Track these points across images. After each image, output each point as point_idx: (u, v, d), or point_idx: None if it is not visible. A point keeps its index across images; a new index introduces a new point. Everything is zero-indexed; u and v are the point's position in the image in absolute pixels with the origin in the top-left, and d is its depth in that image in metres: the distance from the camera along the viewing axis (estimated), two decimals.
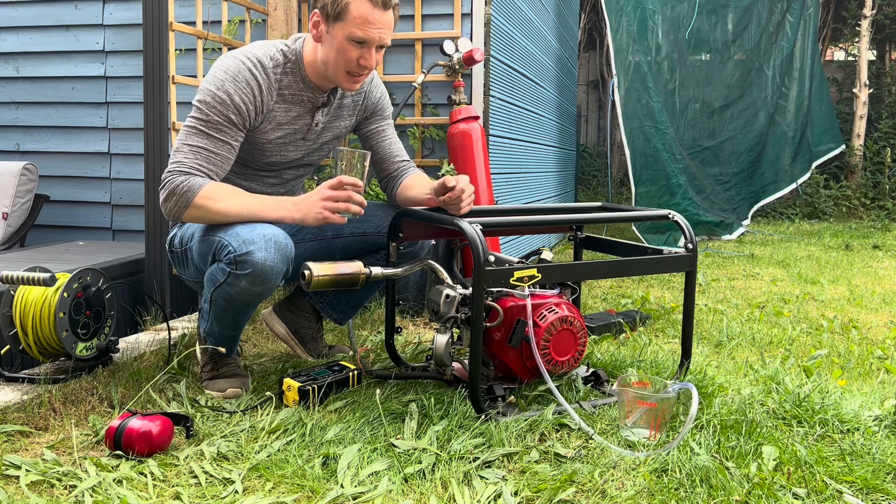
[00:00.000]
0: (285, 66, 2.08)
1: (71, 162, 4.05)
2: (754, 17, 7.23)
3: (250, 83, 2.00)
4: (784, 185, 7.73)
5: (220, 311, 2.01)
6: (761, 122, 7.43)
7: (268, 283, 1.91)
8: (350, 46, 1.97)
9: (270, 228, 1.91)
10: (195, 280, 2.16)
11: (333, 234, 2.28)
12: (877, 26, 10.02)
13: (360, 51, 1.99)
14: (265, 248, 1.86)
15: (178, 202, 1.94)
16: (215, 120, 1.97)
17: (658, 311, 3.37)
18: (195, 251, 2.04)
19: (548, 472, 1.58)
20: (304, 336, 2.44)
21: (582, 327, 1.99)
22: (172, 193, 1.94)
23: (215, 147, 1.98)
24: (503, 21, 3.85)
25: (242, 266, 1.87)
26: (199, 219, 1.98)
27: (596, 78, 12.01)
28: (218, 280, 1.94)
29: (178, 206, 1.95)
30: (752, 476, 1.54)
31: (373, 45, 1.99)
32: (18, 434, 1.78)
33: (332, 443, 1.72)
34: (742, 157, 7.32)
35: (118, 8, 3.91)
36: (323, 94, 2.15)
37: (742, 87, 7.29)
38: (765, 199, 7.61)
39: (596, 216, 2.27)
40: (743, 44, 7.23)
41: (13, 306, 2.13)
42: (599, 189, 10.56)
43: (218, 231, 1.94)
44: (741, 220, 7.12)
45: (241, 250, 1.86)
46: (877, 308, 3.67)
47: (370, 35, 1.96)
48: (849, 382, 2.31)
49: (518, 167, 4.49)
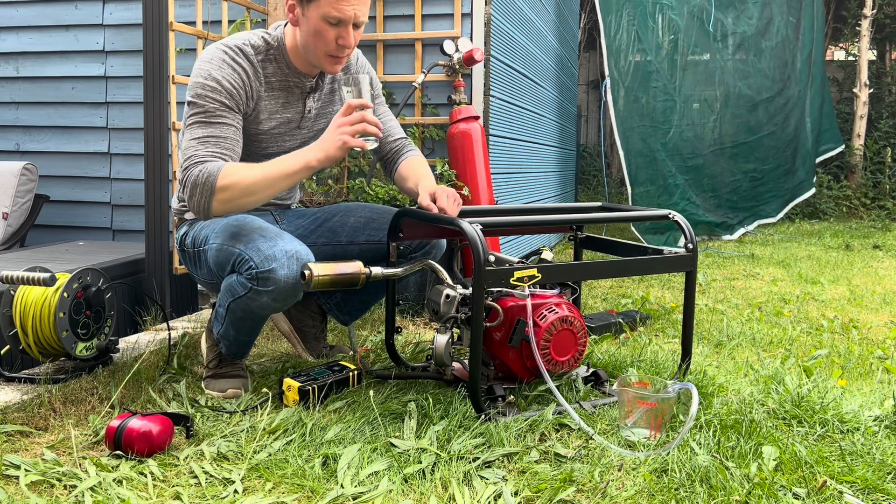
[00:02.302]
0: (267, 52, 2.07)
1: (71, 162, 4.05)
2: (776, 11, 7.21)
3: (235, 69, 2.00)
4: (810, 185, 7.78)
5: (237, 321, 2.01)
6: (796, 119, 7.43)
7: (289, 299, 1.92)
8: (326, 27, 1.96)
9: (292, 243, 1.90)
10: (207, 281, 2.15)
11: (348, 241, 2.27)
12: (877, 26, 10.02)
13: (336, 30, 1.97)
14: (288, 265, 1.86)
15: (203, 192, 1.88)
16: (211, 108, 1.96)
17: (658, 311, 3.37)
18: (211, 258, 2.02)
19: (548, 472, 1.58)
20: (307, 335, 2.45)
21: (582, 327, 1.98)
22: (195, 186, 1.88)
23: (220, 132, 1.95)
24: (503, 21, 3.85)
25: (265, 283, 1.87)
26: (229, 202, 1.90)
27: (596, 78, 12.01)
28: (238, 293, 1.94)
29: (203, 197, 1.88)
30: (752, 476, 1.54)
31: (349, 22, 1.96)
32: (18, 434, 1.78)
33: (332, 443, 1.72)
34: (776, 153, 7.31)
35: (118, 8, 3.91)
36: (310, 78, 2.14)
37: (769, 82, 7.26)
38: (800, 196, 7.65)
39: (596, 216, 2.26)
40: (771, 37, 7.20)
41: (13, 306, 2.13)
42: (599, 189, 10.56)
43: (237, 242, 1.93)
44: (763, 216, 7.13)
45: (264, 267, 1.85)
46: (877, 308, 3.67)
47: (345, 13, 1.94)
48: (849, 382, 2.31)
49: (518, 167, 4.49)
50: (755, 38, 7.10)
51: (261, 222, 2.00)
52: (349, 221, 2.29)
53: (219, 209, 1.91)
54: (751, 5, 7.06)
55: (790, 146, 7.56)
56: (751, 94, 7.16)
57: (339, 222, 2.29)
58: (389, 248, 2.18)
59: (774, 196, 7.47)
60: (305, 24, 1.98)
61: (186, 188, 1.90)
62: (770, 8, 7.18)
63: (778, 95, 7.38)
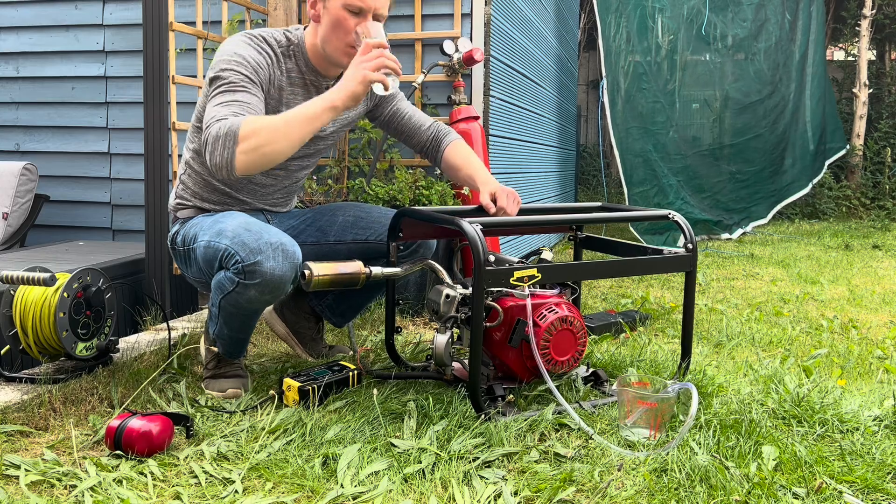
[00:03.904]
0: (288, 48, 2.09)
1: (71, 162, 4.05)
2: (771, 12, 7.21)
3: (258, 51, 2.01)
4: (803, 185, 7.76)
5: (229, 317, 2.01)
6: (786, 120, 7.43)
7: (277, 291, 1.91)
8: (347, 16, 1.98)
9: (277, 235, 1.89)
10: (197, 280, 2.16)
11: (336, 240, 2.28)
12: (877, 26, 10.02)
13: (356, 19, 1.99)
14: (273, 257, 1.86)
15: (226, 143, 1.81)
16: (235, 80, 1.93)
17: (658, 311, 3.37)
18: (200, 256, 2.02)
19: (548, 471, 1.58)
20: (303, 336, 2.45)
21: (582, 327, 1.99)
22: (216, 139, 1.82)
23: (245, 98, 1.91)
24: (503, 21, 3.85)
25: (251, 276, 1.87)
26: (253, 152, 1.81)
27: (596, 78, 12.01)
28: (226, 289, 1.93)
29: (227, 149, 1.81)
30: (752, 476, 1.54)
31: (369, 12, 1.99)
32: (18, 434, 1.78)
33: (332, 443, 1.72)
34: (764, 155, 7.30)
35: (118, 8, 3.91)
36: (330, 80, 2.15)
37: (763, 85, 7.26)
38: (788, 198, 7.64)
39: (596, 216, 2.27)
40: (765, 39, 7.20)
41: (13, 306, 2.13)
42: (599, 189, 10.57)
43: (223, 238, 1.92)
44: (755, 218, 7.13)
45: (249, 260, 1.85)
46: (877, 308, 3.67)
47: (366, 2, 1.97)
48: (848, 382, 2.31)
49: (518, 167, 4.49)
50: (749, 39, 7.10)
51: (247, 217, 1.99)
52: (337, 220, 2.30)
53: (242, 162, 1.82)
54: (745, 7, 7.06)
55: (790, 146, 7.55)
56: (749, 94, 7.17)
57: (328, 221, 2.30)
58: (389, 247, 2.19)
59: (772, 196, 7.47)
60: (326, 16, 2.01)
61: (208, 145, 1.84)
62: (765, 10, 7.18)
63: (775, 95, 7.39)
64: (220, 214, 2.05)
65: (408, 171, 3.29)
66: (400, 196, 3.14)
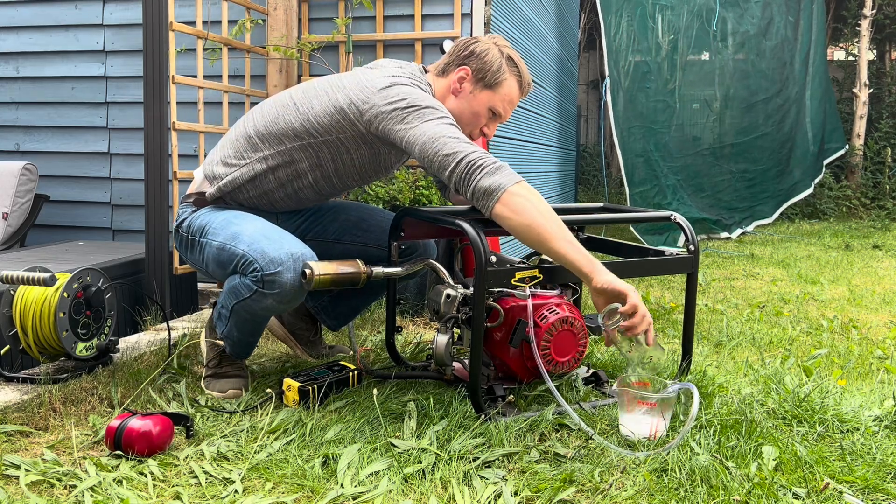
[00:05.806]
0: None
1: (71, 162, 4.05)
2: (776, 11, 7.21)
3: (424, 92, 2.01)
4: (806, 185, 7.76)
5: (242, 322, 2.02)
6: (791, 119, 7.43)
7: (294, 301, 1.92)
8: (486, 113, 2.07)
9: (297, 245, 1.90)
10: (197, 266, 2.15)
11: (334, 239, 2.28)
12: (877, 26, 10.02)
13: (489, 120, 2.09)
14: (293, 268, 1.86)
15: (503, 176, 1.81)
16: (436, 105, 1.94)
17: (658, 311, 3.37)
18: (211, 255, 2.00)
19: (548, 471, 1.58)
20: (302, 337, 2.45)
21: (582, 328, 1.98)
22: (495, 169, 1.82)
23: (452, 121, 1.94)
24: (503, 21, 3.85)
25: (270, 286, 1.87)
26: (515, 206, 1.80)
27: (596, 78, 12.01)
28: (242, 295, 1.93)
29: (502, 179, 1.81)
30: (752, 476, 1.54)
31: (501, 120, 2.10)
32: (18, 434, 1.78)
33: (332, 443, 1.72)
34: (771, 154, 7.30)
35: (118, 8, 3.90)
36: None
37: (768, 84, 7.25)
38: (793, 197, 7.65)
39: (598, 217, 2.26)
40: (772, 37, 7.20)
41: (13, 306, 2.13)
42: (599, 189, 10.57)
43: (239, 242, 1.91)
44: (759, 217, 7.13)
45: (269, 270, 1.85)
46: (877, 308, 3.67)
47: (507, 113, 2.10)
48: (849, 382, 2.31)
49: (518, 167, 4.49)
50: (756, 37, 7.09)
51: (263, 222, 1.99)
52: (339, 218, 2.30)
53: (504, 203, 1.80)
54: (753, 4, 7.05)
55: (788, 146, 7.55)
56: (750, 93, 7.16)
57: (330, 219, 2.30)
58: (391, 247, 2.18)
59: (771, 196, 7.47)
60: (469, 100, 2.06)
61: (473, 166, 1.82)
62: (771, 8, 7.17)
63: (777, 96, 7.39)
64: (231, 213, 2.04)
65: (408, 171, 3.29)
66: (400, 196, 3.14)
